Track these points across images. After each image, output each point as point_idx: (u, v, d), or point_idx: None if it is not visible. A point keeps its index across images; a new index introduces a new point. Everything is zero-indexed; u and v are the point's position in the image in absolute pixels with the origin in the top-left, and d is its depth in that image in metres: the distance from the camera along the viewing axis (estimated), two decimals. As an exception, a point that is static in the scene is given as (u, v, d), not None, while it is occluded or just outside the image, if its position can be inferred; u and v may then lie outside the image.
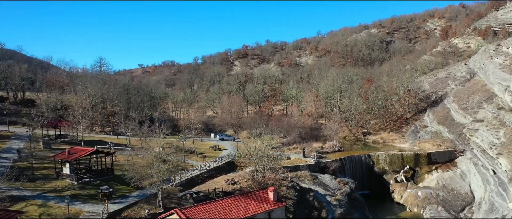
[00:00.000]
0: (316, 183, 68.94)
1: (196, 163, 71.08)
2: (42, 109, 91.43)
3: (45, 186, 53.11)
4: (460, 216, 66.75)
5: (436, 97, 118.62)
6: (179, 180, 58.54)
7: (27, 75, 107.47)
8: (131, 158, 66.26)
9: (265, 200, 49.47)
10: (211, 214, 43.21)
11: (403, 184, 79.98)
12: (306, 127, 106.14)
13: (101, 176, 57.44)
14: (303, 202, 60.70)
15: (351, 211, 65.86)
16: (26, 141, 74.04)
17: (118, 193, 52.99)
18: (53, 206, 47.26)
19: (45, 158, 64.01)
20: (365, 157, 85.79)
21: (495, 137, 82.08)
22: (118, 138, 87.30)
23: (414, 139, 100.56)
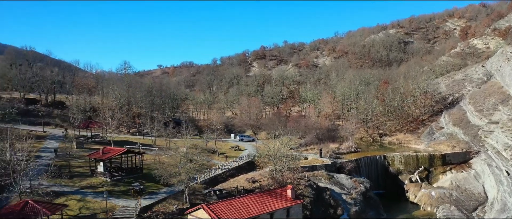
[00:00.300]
0: (332, 182, 72.18)
1: (218, 162, 75.20)
2: (72, 111, 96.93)
3: (82, 183, 57.96)
4: (472, 215, 68.96)
5: (452, 99, 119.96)
6: (203, 178, 62.68)
7: (57, 78, 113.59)
8: (157, 157, 70.91)
9: (283, 197, 53.09)
10: (234, 209, 47.10)
11: (417, 184, 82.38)
12: (323, 128, 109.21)
13: (131, 174, 62.09)
14: (319, 200, 64.04)
15: (366, 209, 68.86)
16: (61, 141, 79.53)
17: (148, 190, 57.44)
18: (90, 201, 51.95)
19: (79, 157, 69.04)
20: (380, 157, 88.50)
21: (510, 139, 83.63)
22: (144, 138, 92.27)
23: (429, 140, 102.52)
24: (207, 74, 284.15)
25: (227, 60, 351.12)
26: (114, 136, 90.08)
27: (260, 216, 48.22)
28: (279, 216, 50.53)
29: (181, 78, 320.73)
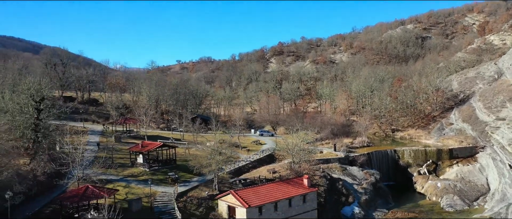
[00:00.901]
0: (345, 173, 79.40)
1: (241, 155, 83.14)
2: (107, 108, 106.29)
3: (125, 172, 66.78)
4: (473, 204, 75.24)
5: (463, 96, 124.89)
6: (229, 169, 70.71)
7: (92, 77, 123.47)
8: (188, 151, 79.39)
9: (300, 185, 60.71)
10: (258, 195, 55.02)
11: (425, 176, 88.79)
12: (338, 124, 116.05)
13: (166, 165, 70.63)
14: (333, 189, 71.44)
15: (375, 198, 76.01)
16: (100, 135, 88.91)
17: (182, 179, 65.83)
18: (134, 187, 60.63)
19: (119, 150, 78.00)
20: (391, 151, 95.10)
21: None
22: (172, 133, 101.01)
23: (439, 135, 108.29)
24: (226, 71, 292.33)
25: (246, 56, 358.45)
26: (141, 131, 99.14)
27: (280, 201, 56.04)
28: (296, 201, 58.22)
29: (200, 74, 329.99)
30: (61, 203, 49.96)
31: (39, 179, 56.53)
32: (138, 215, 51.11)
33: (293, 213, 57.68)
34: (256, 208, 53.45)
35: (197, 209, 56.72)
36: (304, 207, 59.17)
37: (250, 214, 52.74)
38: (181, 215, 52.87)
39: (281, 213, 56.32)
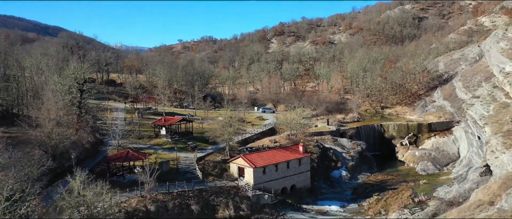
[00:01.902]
0: (335, 144, 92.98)
1: (247, 129, 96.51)
2: (126, 88, 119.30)
3: (151, 142, 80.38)
4: (443, 169, 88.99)
5: (447, 76, 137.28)
6: (237, 140, 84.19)
7: (109, 60, 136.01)
8: (201, 125, 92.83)
9: (297, 151, 74.26)
10: (262, 157, 68.66)
11: (406, 146, 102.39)
12: (332, 101, 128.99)
13: (185, 136, 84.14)
14: (324, 156, 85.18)
15: (360, 164, 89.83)
16: (124, 112, 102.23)
17: (199, 147, 79.41)
18: (161, 153, 74.26)
19: (142, 124, 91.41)
20: (377, 126, 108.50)
21: (486, 110, 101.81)
22: (185, 110, 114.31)
23: (422, 111, 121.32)
24: (229, 51, 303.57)
25: (247, 37, 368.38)
26: (159, 107, 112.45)
27: (280, 163, 69.73)
28: (293, 164, 71.91)
29: (204, 54, 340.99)
30: (109, 163, 63.65)
31: (85, 147, 70.06)
32: (168, 174, 64.82)
33: (290, 173, 71.48)
34: (261, 169, 67.17)
35: (213, 170, 70.51)
36: (299, 169, 72.93)
37: (256, 173, 66.48)
38: (201, 174, 66.71)
39: (281, 173, 70.09)
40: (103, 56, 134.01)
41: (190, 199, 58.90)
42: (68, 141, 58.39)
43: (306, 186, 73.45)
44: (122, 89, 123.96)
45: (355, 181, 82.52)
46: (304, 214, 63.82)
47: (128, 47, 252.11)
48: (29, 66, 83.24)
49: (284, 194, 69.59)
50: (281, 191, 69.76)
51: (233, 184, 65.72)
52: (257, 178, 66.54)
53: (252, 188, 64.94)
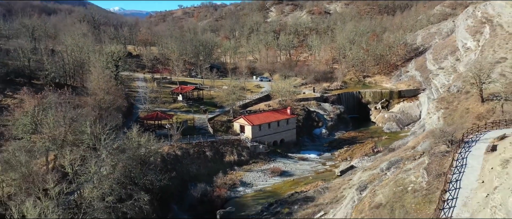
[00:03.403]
0: (319, 108, 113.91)
1: (247, 95, 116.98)
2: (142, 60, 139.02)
3: (170, 106, 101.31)
4: (404, 128, 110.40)
5: (422, 49, 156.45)
6: (239, 104, 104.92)
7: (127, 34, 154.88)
8: (210, 92, 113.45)
9: (285, 113, 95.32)
10: (258, 118, 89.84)
11: (379, 110, 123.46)
12: (320, 71, 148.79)
13: (197, 101, 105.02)
14: (309, 118, 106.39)
15: (338, 124, 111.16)
16: (144, 81, 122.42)
17: (209, 110, 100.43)
18: (180, 115, 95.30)
19: (160, 92, 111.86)
20: (356, 92, 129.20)
21: (447, 80, 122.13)
22: (195, 79, 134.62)
23: (396, 80, 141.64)
24: (229, 20, 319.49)
25: (248, 6, 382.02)
26: (172, 77, 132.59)
27: (272, 122, 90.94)
28: (282, 123, 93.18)
29: (205, 23, 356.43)
30: (143, 122, 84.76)
31: (122, 110, 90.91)
32: (187, 130, 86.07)
33: (280, 130, 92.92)
34: (257, 126, 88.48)
35: (220, 127, 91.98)
36: (287, 127, 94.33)
37: (254, 130, 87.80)
38: (212, 130, 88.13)
39: (273, 130, 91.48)
40: (120, 31, 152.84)
41: (205, 148, 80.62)
42: (115, 106, 79.11)
43: (293, 140, 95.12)
44: (139, 61, 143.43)
45: (332, 137, 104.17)
46: (289, 160, 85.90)
47: (126, 11, 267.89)
48: (70, 44, 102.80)
49: (275, 145, 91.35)
50: (272, 143, 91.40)
51: (236, 137, 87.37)
52: (254, 133, 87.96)
53: (250, 140, 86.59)
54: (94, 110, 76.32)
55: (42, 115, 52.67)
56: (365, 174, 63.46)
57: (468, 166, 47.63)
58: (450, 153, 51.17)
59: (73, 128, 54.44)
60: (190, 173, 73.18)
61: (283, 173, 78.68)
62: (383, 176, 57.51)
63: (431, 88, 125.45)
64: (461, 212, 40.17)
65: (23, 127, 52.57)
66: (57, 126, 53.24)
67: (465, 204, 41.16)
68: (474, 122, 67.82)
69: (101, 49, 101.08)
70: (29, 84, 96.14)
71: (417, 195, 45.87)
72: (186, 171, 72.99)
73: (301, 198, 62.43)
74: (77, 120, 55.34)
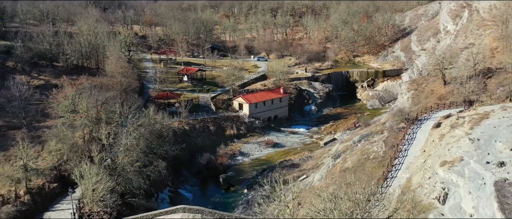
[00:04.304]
0: (310, 86, 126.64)
1: (245, 75, 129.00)
2: (148, 41, 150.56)
3: (177, 86, 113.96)
4: (385, 105, 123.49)
5: (409, 30, 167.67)
6: (238, 84, 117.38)
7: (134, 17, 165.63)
8: (211, 72, 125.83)
9: (279, 93, 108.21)
10: (255, 96, 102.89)
11: (364, 88, 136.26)
12: (313, 51, 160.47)
13: (201, 81, 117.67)
14: (300, 96, 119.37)
15: (327, 101, 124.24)
16: (151, 61, 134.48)
17: (211, 89, 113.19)
18: (186, 94, 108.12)
19: (167, 72, 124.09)
20: (345, 72, 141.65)
21: (427, 60, 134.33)
22: (197, 59, 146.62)
23: (382, 60, 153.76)
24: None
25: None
26: (177, 58, 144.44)
27: (266, 100, 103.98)
28: (276, 101, 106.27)
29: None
30: (154, 100, 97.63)
31: (136, 90, 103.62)
32: (193, 107, 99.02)
33: (274, 107, 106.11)
34: (254, 104, 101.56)
35: (222, 105, 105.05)
36: (280, 105, 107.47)
37: (251, 107, 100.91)
38: (214, 107, 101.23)
39: (267, 107, 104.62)
40: (128, 14, 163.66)
41: (208, 123, 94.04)
42: (131, 88, 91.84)
43: (285, 116, 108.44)
44: (145, 42, 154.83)
45: (321, 113, 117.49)
46: (281, 133, 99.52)
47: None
48: (85, 30, 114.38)
49: (269, 121, 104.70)
50: (267, 119, 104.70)
51: (236, 114, 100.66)
52: (251, 110, 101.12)
53: (248, 117, 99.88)
54: (120, 94, 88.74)
55: (79, 99, 65.38)
56: (341, 145, 77.13)
57: (416, 139, 61.12)
58: (405, 129, 64.51)
59: (104, 108, 67.45)
60: (197, 145, 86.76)
61: (276, 145, 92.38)
62: (355, 147, 71.14)
63: (413, 68, 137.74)
64: (403, 173, 53.91)
65: (65, 108, 65.36)
66: (90, 107, 66.22)
67: (408, 168, 54.85)
68: (435, 102, 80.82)
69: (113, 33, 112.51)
70: (51, 67, 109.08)
71: (374, 162, 59.59)
72: (193, 143, 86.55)
73: (289, 164, 76.26)
74: (107, 102, 68.35)
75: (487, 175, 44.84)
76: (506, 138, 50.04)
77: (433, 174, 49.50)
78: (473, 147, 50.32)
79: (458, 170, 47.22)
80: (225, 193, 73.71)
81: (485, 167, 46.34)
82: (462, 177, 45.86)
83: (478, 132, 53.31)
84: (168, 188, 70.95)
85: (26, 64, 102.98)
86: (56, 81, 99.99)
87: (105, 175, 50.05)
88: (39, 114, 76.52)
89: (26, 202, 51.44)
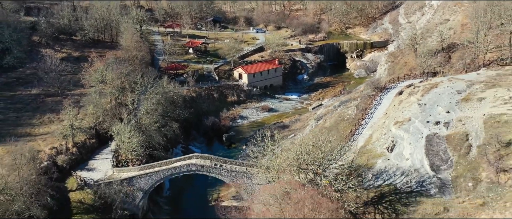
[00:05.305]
0: (303, 57, 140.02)
1: (244, 47, 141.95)
2: (155, 15, 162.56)
3: (183, 57, 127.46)
4: (370, 74, 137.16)
5: (398, 3, 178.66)
6: (238, 55, 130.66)
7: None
8: (213, 44, 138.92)
9: (274, 64, 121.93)
10: (253, 67, 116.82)
11: (353, 58, 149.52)
12: (308, 23, 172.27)
13: (204, 53, 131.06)
14: (294, 66, 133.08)
15: (318, 71, 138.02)
16: (159, 35, 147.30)
17: (214, 61, 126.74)
18: (192, 65, 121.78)
19: (174, 45, 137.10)
20: (336, 43, 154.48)
21: (412, 32, 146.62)
22: (200, 32, 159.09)
23: (371, 32, 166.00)
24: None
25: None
26: (182, 31, 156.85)
27: (263, 71, 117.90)
28: (271, 71, 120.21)
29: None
30: (165, 71, 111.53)
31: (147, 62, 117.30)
32: (198, 77, 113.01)
33: (269, 77, 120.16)
34: (252, 74, 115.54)
35: (224, 75, 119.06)
36: (275, 74, 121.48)
37: (249, 77, 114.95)
38: (217, 77, 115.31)
39: (264, 77, 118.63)
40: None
41: (212, 91, 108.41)
42: (145, 60, 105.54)
43: (279, 84, 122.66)
44: (152, 15, 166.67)
45: (312, 81, 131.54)
46: (276, 100, 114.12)
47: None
48: (99, 7, 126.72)
49: (266, 89, 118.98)
50: (264, 87, 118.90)
51: (236, 83, 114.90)
52: (250, 80, 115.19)
53: (247, 85, 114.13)
54: (139, 66, 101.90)
55: (106, 72, 79.41)
56: (325, 109, 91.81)
57: (381, 104, 75.64)
58: (374, 96, 78.89)
59: (127, 79, 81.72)
60: (203, 109, 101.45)
61: (271, 110, 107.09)
62: (334, 111, 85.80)
63: (399, 40, 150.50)
64: (367, 131, 68.79)
65: (95, 79, 79.50)
66: (115, 79, 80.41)
67: (371, 126, 69.68)
68: (406, 73, 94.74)
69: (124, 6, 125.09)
70: (71, 41, 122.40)
71: (346, 122, 74.43)
72: (200, 108, 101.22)
73: (280, 126, 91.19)
74: (129, 74, 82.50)
75: (425, 131, 59.74)
76: (445, 103, 64.55)
77: (388, 131, 64.41)
78: (420, 110, 64.95)
79: (405, 127, 62.11)
80: (227, 149, 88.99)
81: (425, 125, 61.15)
82: (407, 133, 60.80)
83: (426, 98, 67.75)
84: (180, 145, 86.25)
85: (49, 38, 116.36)
86: (77, 53, 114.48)
87: (136, 132, 64.87)
88: (71, 84, 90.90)
89: (74, 153, 66.56)
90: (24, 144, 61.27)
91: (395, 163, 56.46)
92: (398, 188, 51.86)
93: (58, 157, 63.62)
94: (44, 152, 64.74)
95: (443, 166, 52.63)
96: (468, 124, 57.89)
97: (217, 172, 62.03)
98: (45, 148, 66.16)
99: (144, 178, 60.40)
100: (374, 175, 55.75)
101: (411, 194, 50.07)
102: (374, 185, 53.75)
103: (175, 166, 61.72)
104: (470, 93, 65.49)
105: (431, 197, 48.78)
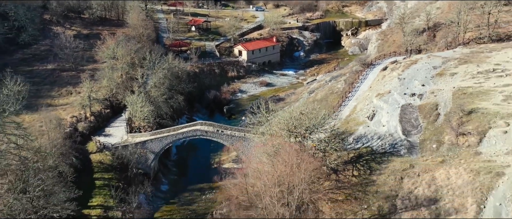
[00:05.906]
0: (300, 35, 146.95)
1: (244, 25, 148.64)
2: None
3: (186, 35, 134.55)
4: (364, 51, 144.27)
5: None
6: (238, 33, 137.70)
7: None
8: (214, 22, 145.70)
9: (272, 41, 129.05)
10: (252, 44, 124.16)
11: (348, 36, 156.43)
12: (306, 2, 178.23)
13: (206, 31, 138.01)
14: (291, 44, 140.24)
15: (314, 48, 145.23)
16: (162, 13, 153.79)
17: (215, 38, 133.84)
18: (194, 42, 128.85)
19: (178, 23, 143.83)
20: (332, 22, 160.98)
21: (406, 11, 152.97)
22: (202, 10, 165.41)
23: (367, 11, 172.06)
24: None
25: None
26: (185, 9, 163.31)
27: (262, 48, 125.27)
28: (269, 48, 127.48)
29: None
30: (169, 48, 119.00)
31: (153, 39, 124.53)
32: (201, 54, 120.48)
33: (268, 54, 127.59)
34: (251, 51, 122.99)
35: (224, 52, 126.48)
36: (273, 51, 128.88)
37: (248, 54, 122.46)
38: (218, 54, 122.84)
39: (262, 53, 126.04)
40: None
41: (214, 67, 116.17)
42: (151, 38, 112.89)
43: (277, 61, 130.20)
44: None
45: (308, 58, 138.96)
46: (273, 75, 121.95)
47: None
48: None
49: (264, 65, 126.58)
50: (262, 63, 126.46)
51: (236, 59, 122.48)
52: (249, 56, 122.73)
53: (246, 61, 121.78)
54: (147, 44, 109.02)
55: (117, 49, 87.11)
56: (318, 84, 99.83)
57: (367, 79, 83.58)
58: (361, 71, 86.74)
59: (136, 55, 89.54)
60: (206, 84, 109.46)
61: (268, 84, 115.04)
62: (326, 85, 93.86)
63: (392, 18, 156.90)
64: (352, 102, 77.02)
65: (107, 55, 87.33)
66: (125, 55, 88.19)
67: (356, 98, 77.86)
68: (393, 50, 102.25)
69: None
70: (79, 19, 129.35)
71: (335, 95, 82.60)
72: (202, 83, 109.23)
73: (276, 98, 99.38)
74: (138, 50, 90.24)
75: (402, 101, 68.00)
76: (422, 77, 72.56)
77: (370, 102, 72.66)
78: (399, 83, 73.02)
79: (385, 99, 70.32)
80: (228, 120, 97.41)
81: (402, 96, 69.34)
82: (386, 103, 69.05)
83: (406, 73, 75.71)
84: (185, 116, 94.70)
85: (60, 17, 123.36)
86: (86, 31, 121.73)
87: (147, 102, 73.20)
88: (84, 59, 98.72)
89: (92, 121, 75.03)
90: (48, 113, 69.62)
91: (374, 129, 64.92)
92: (374, 150, 60.44)
93: (78, 124, 72.12)
94: (66, 119, 73.19)
95: (413, 131, 61.13)
96: (439, 96, 66.09)
97: (219, 137, 70.69)
98: (66, 117, 74.58)
99: (155, 141, 69.07)
100: (354, 139, 64.33)
101: (384, 155, 58.68)
102: (354, 147, 62.38)
103: (182, 132, 70.33)
104: (444, 69, 73.42)
105: (400, 156, 57.42)
